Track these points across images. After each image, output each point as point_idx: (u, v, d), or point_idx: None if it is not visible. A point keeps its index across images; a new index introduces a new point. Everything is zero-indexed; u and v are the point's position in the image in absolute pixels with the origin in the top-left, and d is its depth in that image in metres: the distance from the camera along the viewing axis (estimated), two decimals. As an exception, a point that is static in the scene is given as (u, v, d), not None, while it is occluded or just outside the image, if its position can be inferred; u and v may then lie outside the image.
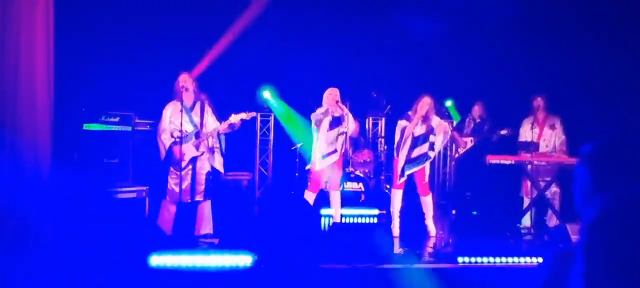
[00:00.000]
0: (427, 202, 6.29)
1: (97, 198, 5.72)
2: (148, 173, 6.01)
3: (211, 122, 5.58)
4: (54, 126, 4.87)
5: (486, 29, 8.59)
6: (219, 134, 5.57)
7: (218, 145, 5.59)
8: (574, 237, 5.07)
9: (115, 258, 4.43)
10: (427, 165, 6.28)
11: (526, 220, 6.43)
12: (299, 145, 8.06)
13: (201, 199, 5.49)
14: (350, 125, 6.09)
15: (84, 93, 6.56)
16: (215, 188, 5.75)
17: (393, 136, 6.45)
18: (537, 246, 5.62)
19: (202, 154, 5.45)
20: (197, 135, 5.37)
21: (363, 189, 7.70)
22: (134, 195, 6.34)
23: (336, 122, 6.05)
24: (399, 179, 6.21)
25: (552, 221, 6.34)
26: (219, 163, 5.60)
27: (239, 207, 7.04)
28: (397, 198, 6.28)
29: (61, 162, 5.15)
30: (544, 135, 6.58)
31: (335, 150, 6.06)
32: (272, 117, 9.13)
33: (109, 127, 6.34)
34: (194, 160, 5.31)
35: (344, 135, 6.06)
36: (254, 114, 5.68)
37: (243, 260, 4.39)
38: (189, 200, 5.32)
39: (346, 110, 6.03)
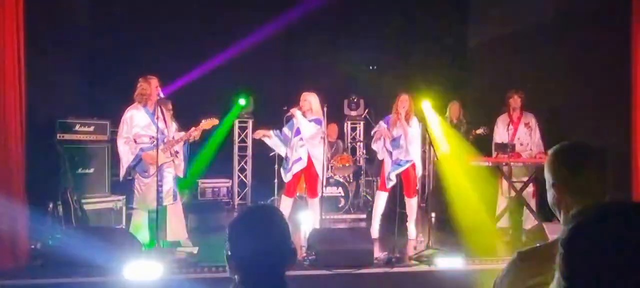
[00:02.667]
0: (412, 205, 6.27)
1: (73, 209, 5.62)
2: (125, 182, 5.89)
3: (173, 126, 5.56)
4: (27, 136, 4.78)
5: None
6: (186, 140, 5.51)
7: (180, 150, 5.54)
8: (551, 237, 5.11)
9: (90, 269, 4.36)
10: (418, 166, 6.27)
11: (504, 221, 6.46)
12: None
13: (170, 202, 5.41)
14: (305, 130, 5.90)
15: (58, 102, 6.45)
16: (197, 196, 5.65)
17: (372, 140, 6.45)
18: (515, 246, 5.66)
19: (169, 160, 5.40)
20: (164, 140, 5.31)
21: (343, 194, 7.70)
22: (110, 205, 6.24)
23: (299, 130, 5.98)
24: (388, 183, 6.16)
25: (530, 221, 6.37)
26: (180, 168, 5.56)
27: (218, 215, 6.94)
28: (381, 201, 6.25)
29: (35, 174, 5.05)
30: (518, 134, 6.48)
31: (300, 158, 5.96)
32: (250, 123, 9.07)
33: (83, 136, 6.22)
34: (161, 166, 5.25)
35: (304, 140, 5.95)
36: (216, 122, 5.60)
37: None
38: (157, 206, 5.22)
39: (297, 117, 5.90)
